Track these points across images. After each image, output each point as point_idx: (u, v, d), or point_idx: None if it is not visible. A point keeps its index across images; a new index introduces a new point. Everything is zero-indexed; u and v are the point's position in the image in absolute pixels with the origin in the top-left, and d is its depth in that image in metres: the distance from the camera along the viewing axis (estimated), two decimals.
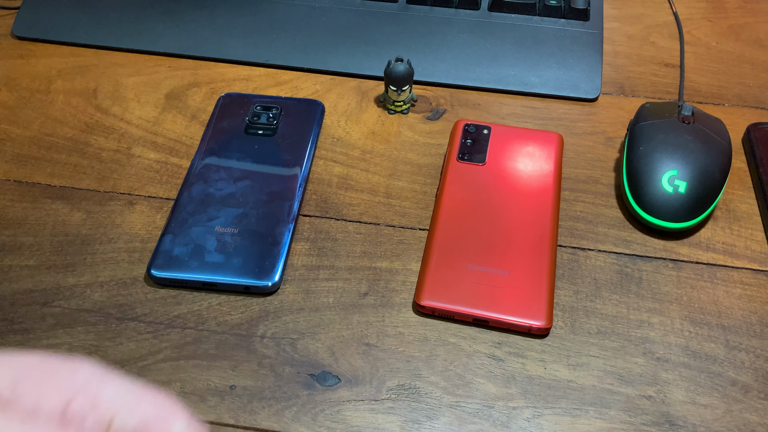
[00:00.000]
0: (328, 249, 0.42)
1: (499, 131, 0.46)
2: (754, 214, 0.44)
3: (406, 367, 0.36)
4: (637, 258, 0.41)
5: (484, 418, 0.35)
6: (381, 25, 0.54)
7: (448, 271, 0.39)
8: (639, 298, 0.39)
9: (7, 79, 0.52)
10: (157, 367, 0.36)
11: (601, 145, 0.48)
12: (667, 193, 0.41)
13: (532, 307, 0.37)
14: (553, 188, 0.43)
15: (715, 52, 0.55)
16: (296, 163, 0.45)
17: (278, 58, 0.53)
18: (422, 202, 0.44)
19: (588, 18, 0.54)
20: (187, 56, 0.54)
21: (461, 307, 0.38)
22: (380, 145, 0.48)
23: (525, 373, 0.36)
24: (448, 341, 0.38)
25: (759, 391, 0.36)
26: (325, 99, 0.51)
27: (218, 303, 0.39)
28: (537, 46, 0.53)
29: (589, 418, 0.35)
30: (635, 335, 0.38)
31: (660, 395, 0.35)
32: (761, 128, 0.47)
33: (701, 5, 0.59)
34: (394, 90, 0.48)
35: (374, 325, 0.38)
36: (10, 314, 0.39)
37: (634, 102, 0.51)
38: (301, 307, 0.39)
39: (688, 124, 0.43)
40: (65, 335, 0.38)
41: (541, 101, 0.51)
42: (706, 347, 0.37)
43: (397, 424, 0.34)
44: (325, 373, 0.36)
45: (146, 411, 0.23)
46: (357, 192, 0.45)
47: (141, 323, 0.38)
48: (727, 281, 0.40)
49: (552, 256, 0.40)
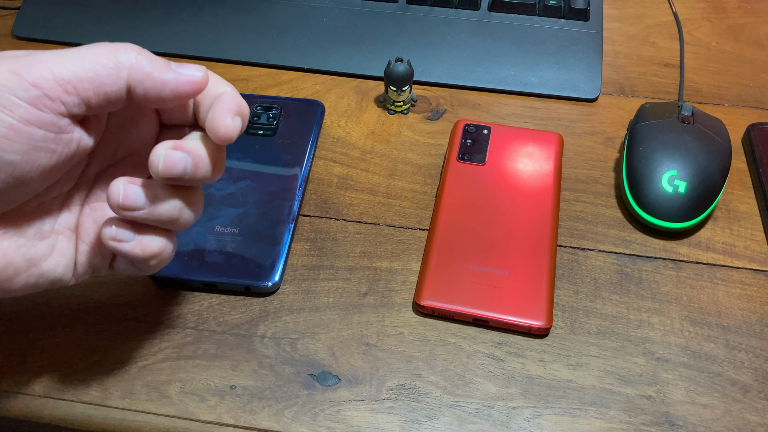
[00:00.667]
0: (328, 249, 0.42)
1: (499, 131, 0.46)
2: (754, 214, 0.44)
3: (406, 367, 0.36)
4: (637, 258, 0.41)
5: (484, 418, 0.35)
6: (381, 25, 0.54)
7: (448, 271, 0.39)
8: (639, 298, 0.39)
9: None
10: (157, 367, 0.36)
11: (601, 145, 0.48)
12: (667, 193, 0.41)
13: (532, 307, 0.37)
14: (553, 188, 0.43)
15: (715, 52, 0.55)
16: (296, 163, 0.45)
17: (278, 58, 0.53)
18: (422, 202, 0.44)
19: (588, 18, 0.54)
20: (187, 56, 0.54)
21: (461, 307, 0.38)
22: (380, 145, 0.48)
23: (525, 373, 0.36)
24: (448, 341, 0.38)
25: (759, 391, 0.36)
26: (325, 99, 0.51)
27: (218, 303, 0.39)
28: (537, 46, 0.53)
29: (589, 418, 0.35)
30: (635, 335, 0.38)
31: (660, 395, 0.35)
32: (761, 128, 0.47)
33: (701, 5, 0.59)
34: (394, 90, 0.48)
35: (374, 325, 0.38)
36: (11, 314, 0.39)
37: (634, 102, 0.51)
38: (301, 307, 0.39)
39: (688, 124, 0.43)
40: (65, 335, 0.38)
41: (541, 101, 0.51)
42: (705, 347, 0.37)
43: (397, 424, 0.34)
44: (325, 373, 0.36)
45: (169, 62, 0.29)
46: (357, 192, 0.45)
47: (141, 323, 0.38)
48: (727, 281, 0.40)
49: (552, 256, 0.40)
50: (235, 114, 0.29)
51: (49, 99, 0.26)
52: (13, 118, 0.25)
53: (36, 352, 0.37)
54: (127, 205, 0.28)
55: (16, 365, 0.36)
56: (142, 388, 0.35)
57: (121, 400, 0.35)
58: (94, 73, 0.27)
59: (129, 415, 0.35)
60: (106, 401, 0.35)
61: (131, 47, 0.28)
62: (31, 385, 0.36)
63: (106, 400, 0.35)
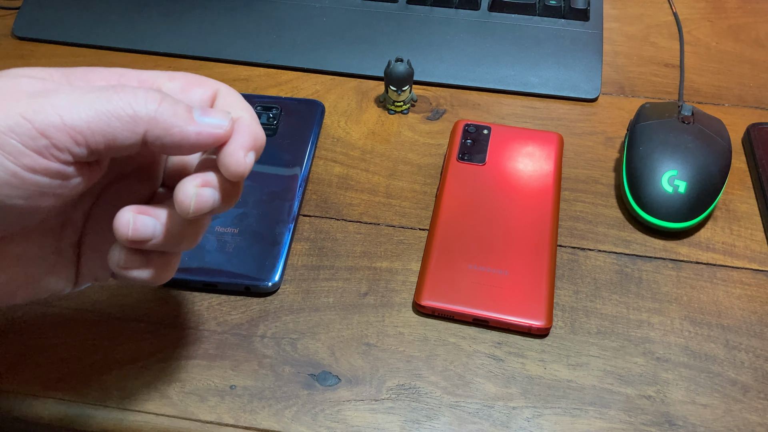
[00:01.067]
0: (328, 249, 0.42)
1: (499, 131, 0.46)
2: (753, 214, 0.44)
3: (406, 367, 0.36)
4: (637, 258, 0.41)
5: (484, 417, 0.35)
6: (381, 25, 0.54)
7: (448, 271, 0.39)
8: (639, 298, 0.39)
9: None
10: (157, 367, 0.36)
11: (601, 145, 0.48)
12: (666, 193, 0.41)
13: (532, 307, 0.37)
14: (553, 188, 0.43)
15: (715, 52, 0.55)
16: (296, 163, 0.45)
17: (278, 58, 0.53)
18: (422, 202, 0.44)
19: (588, 18, 0.54)
20: (187, 56, 0.54)
21: (461, 307, 0.38)
22: (380, 145, 0.48)
23: (525, 373, 0.36)
24: (448, 341, 0.38)
25: (759, 391, 0.36)
26: (325, 99, 0.51)
27: (218, 303, 0.39)
28: (537, 46, 0.53)
29: (589, 418, 0.35)
30: (635, 335, 0.38)
31: (660, 395, 0.35)
32: (761, 128, 0.47)
33: (701, 5, 0.59)
34: (394, 90, 0.48)
35: (374, 325, 0.38)
36: (11, 314, 0.39)
37: (634, 102, 0.51)
38: (301, 307, 0.39)
39: (688, 124, 0.43)
40: (65, 335, 0.38)
41: (541, 101, 0.51)
42: (705, 347, 0.37)
43: (397, 424, 0.34)
44: (325, 373, 0.36)
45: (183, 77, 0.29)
46: (357, 192, 0.45)
47: (141, 323, 0.38)
48: (726, 281, 0.40)
49: (552, 256, 0.40)
50: (249, 149, 0.27)
51: (57, 149, 0.24)
52: (18, 166, 0.24)
53: (36, 352, 0.37)
54: (136, 238, 0.27)
55: (16, 365, 0.36)
56: (142, 388, 0.35)
57: (121, 400, 0.35)
58: (108, 125, 0.25)
59: (129, 415, 0.35)
60: (106, 401, 0.35)
61: (152, 97, 0.25)
62: (31, 385, 0.36)
63: (106, 400, 0.35)
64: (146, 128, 0.25)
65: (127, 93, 0.25)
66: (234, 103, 0.28)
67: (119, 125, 0.25)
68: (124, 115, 0.25)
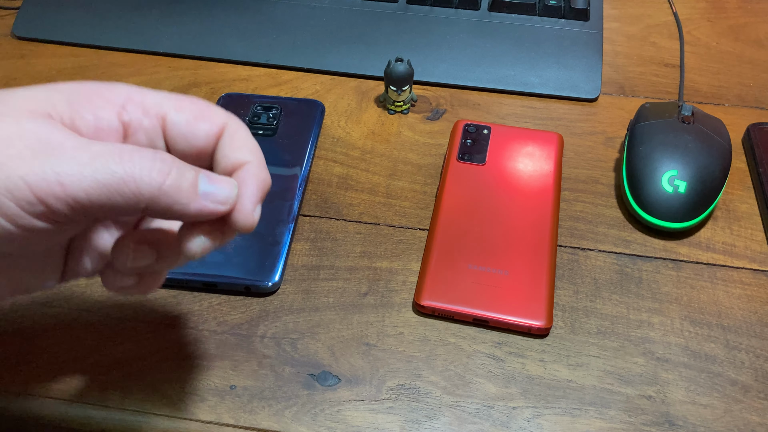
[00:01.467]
0: (328, 249, 0.42)
1: (499, 131, 0.46)
2: (754, 214, 0.44)
3: (406, 367, 0.36)
4: (637, 258, 0.41)
5: (484, 418, 0.35)
6: (381, 25, 0.54)
7: (448, 271, 0.39)
8: (639, 298, 0.39)
9: (7, 79, 0.52)
10: (157, 367, 0.36)
11: (601, 145, 0.48)
12: (667, 193, 0.41)
13: (531, 307, 0.37)
14: (553, 188, 0.43)
15: (715, 52, 0.55)
16: (296, 163, 0.45)
17: (278, 58, 0.53)
18: (422, 202, 0.44)
19: (588, 18, 0.54)
20: (187, 56, 0.54)
21: (461, 307, 0.38)
22: (380, 145, 0.48)
23: (525, 373, 0.36)
24: (448, 341, 0.38)
25: (759, 391, 0.36)
26: (325, 99, 0.51)
27: (218, 303, 0.39)
28: (537, 46, 0.53)
29: (589, 418, 0.35)
30: (635, 335, 0.38)
31: (660, 395, 0.35)
32: (761, 128, 0.47)
33: (701, 5, 0.59)
34: (394, 90, 0.48)
35: (374, 325, 0.38)
36: (11, 314, 0.39)
37: (634, 102, 0.51)
38: (301, 307, 0.39)
39: (688, 124, 0.43)
40: (65, 335, 0.38)
41: (541, 101, 0.51)
42: (705, 347, 0.37)
43: (397, 424, 0.34)
44: (325, 373, 0.36)
45: (191, 107, 0.27)
46: (357, 192, 0.45)
47: (141, 323, 0.38)
48: (727, 281, 0.40)
49: (552, 256, 0.40)
50: (258, 203, 0.27)
51: (54, 214, 0.24)
52: (13, 226, 0.24)
53: (36, 352, 0.37)
54: (136, 268, 0.28)
55: (16, 365, 0.36)
56: (141, 388, 0.35)
57: (121, 400, 0.35)
58: (108, 199, 0.24)
59: (128, 415, 0.35)
60: (105, 401, 0.35)
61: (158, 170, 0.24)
62: (31, 385, 0.36)
63: (105, 400, 0.35)
64: (148, 204, 0.25)
65: (133, 161, 0.24)
66: (241, 143, 0.28)
67: (121, 201, 0.24)
68: (127, 191, 0.24)
